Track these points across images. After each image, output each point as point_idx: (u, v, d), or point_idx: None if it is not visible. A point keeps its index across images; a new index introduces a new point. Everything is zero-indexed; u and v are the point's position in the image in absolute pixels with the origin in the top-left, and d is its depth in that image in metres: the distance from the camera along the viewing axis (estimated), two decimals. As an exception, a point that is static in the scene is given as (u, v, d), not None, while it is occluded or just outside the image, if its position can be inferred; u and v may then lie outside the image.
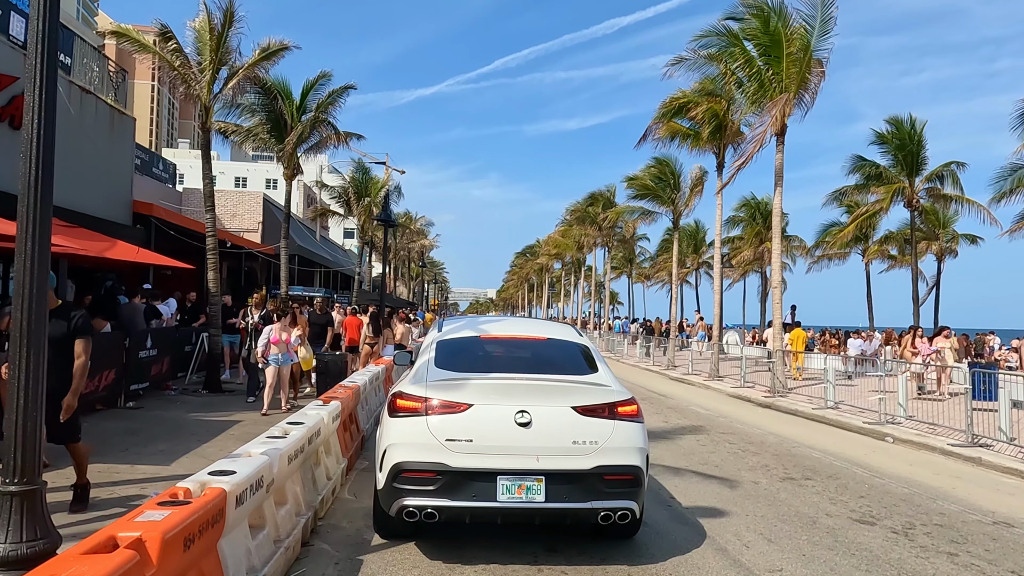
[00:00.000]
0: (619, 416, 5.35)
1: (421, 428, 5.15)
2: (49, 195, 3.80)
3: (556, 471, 5.06)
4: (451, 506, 5.01)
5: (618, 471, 5.14)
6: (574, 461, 5.10)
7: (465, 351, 6.20)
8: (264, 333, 11.86)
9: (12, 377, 3.72)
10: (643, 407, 5.98)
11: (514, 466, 5.04)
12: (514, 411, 5.13)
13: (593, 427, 5.21)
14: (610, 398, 5.42)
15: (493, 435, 5.10)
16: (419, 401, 5.26)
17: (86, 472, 6.03)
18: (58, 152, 3.95)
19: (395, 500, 5.07)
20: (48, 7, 3.77)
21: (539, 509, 5.05)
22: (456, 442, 5.07)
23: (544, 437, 5.12)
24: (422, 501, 5.00)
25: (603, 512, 5.11)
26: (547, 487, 5.03)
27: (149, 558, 2.99)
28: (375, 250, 43.61)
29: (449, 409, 5.18)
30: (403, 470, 5.06)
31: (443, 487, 5.01)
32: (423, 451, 5.08)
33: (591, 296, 55.97)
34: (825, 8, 16.95)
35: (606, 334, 42.08)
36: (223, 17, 16.93)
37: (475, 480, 5.02)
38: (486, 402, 5.22)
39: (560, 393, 5.41)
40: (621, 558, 5.45)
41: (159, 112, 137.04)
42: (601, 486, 5.11)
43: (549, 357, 6.19)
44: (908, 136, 24.91)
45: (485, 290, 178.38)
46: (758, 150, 18.16)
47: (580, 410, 5.24)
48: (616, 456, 5.17)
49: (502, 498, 5.01)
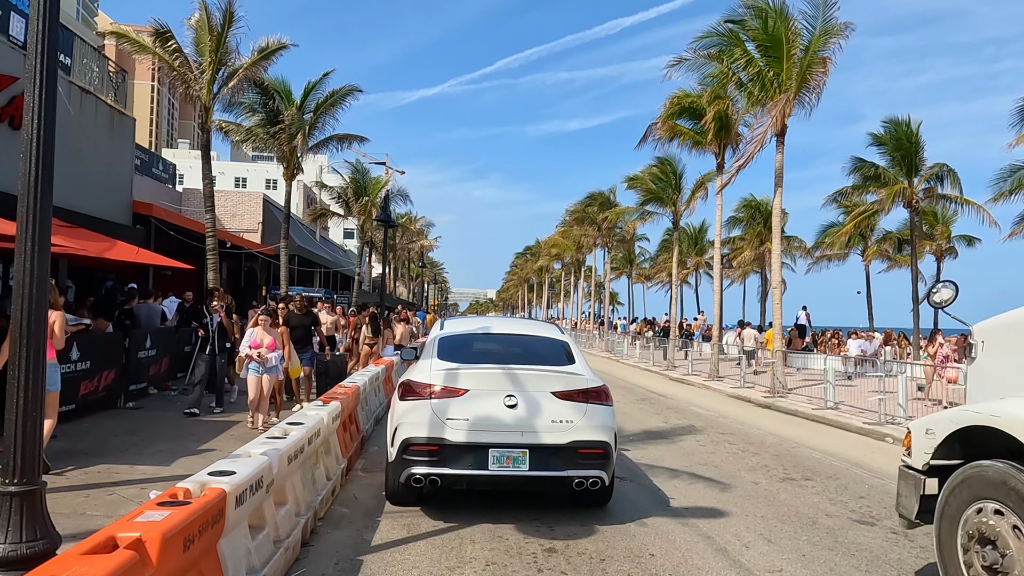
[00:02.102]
0: (591, 400, 6.28)
1: (426, 410, 6.10)
2: (49, 195, 3.79)
3: (538, 445, 6.00)
4: (450, 474, 5.98)
5: (590, 445, 6.09)
6: (553, 436, 6.05)
7: (463, 346, 7.05)
8: (247, 335, 10.29)
9: (12, 377, 3.71)
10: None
11: (503, 441, 5.99)
12: (503, 395, 6.11)
13: (569, 409, 6.15)
14: (584, 385, 6.35)
15: (486, 415, 6.04)
16: (424, 387, 6.23)
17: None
18: (58, 152, 3.94)
19: (404, 470, 6.04)
20: (48, 7, 3.77)
21: (524, 476, 5.98)
22: (455, 421, 6.03)
23: (528, 417, 6.07)
24: (426, 470, 5.96)
25: (577, 479, 6.06)
26: (530, 458, 5.97)
27: (149, 558, 2.98)
28: (375, 250, 43.63)
29: (449, 394, 6.14)
30: (411, 444, 6.03)
31: (444, 458, 5.97)
32: (427, 428, 6.03)
33: (591, 296, 56.00)
34: (827, 8, 16.97)
35: (606, 334, 42.06)
36: (223, 17, 16.95)
37: (470, 452, 5.98)
38: (480, 388, 6.18)
39: (542, 381, 6.32)
40: (621, 559, 5.45)
41: (159, 112, 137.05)
42: (575, 458, 6.04)
43: (534, 351, 7.03)
44: (906, 137, 24.89)
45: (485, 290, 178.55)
46: (759, 150, 18.19)
47: (558, 395, 6.20)
48: (588, 433, 6.10)
49: (493, 467, 5.96)
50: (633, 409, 14.53)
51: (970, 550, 4.30)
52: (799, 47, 17.35)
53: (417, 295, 76.55)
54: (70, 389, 9.83)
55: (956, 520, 4.44)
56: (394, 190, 39.72)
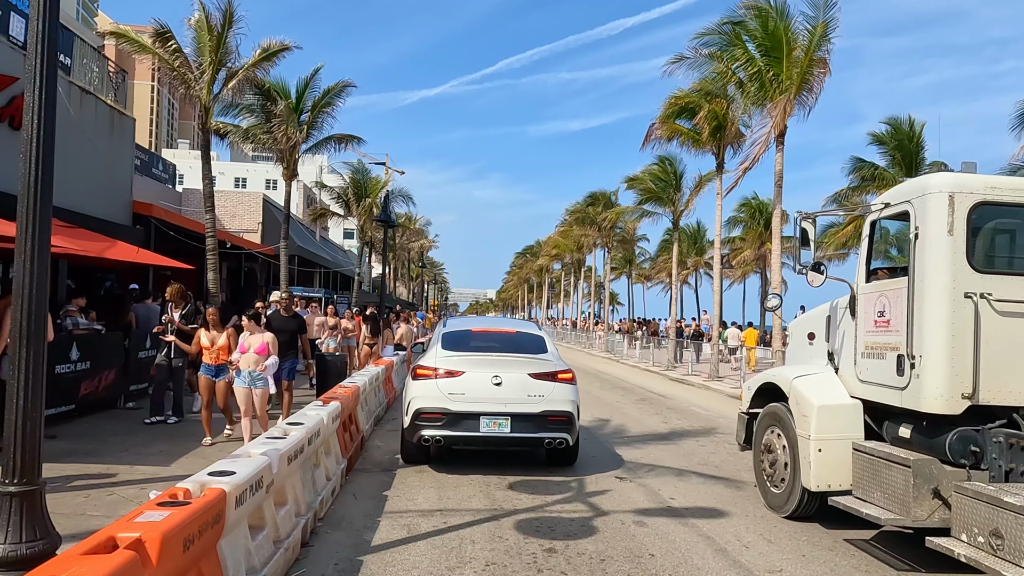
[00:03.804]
0: (558, 380, 8.03)
1: (433, 386, 7.88)
2: (49, 195, 3.79)
3: (517, 413, 7.72)
4: (451, 435, 7.73)
5: (557, 414, 7.83)
6: (528, 407, 7.77)
7: (462, 339, 8.82)
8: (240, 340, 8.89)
9: (12, 377, 3.71)
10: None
11: (491, 410, 7.71)
12: (491, 376, 7.88)
13: (541, 386, 7.91)
14: (552, 368, 8.15)
15: (478, 391, 7.80)
16: (432, 370, 8.00)
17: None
18: (58, 152, 3.94)
19: (416, 432, 7.78)
20: (48, 7, 3.77)
21: (506, 437, 7.76)
22: (455, 395, 7.79)
23: (510, 392, 7.81)
24: (433, 432, 7.70)
25: (547, 439, 7.84)
26: (511, 423, 7.71)
27: (149, 559, 2.98)
28: (375, 250, 43.63)
29: (450, 375, 7.93)
30: (421, 412, 7.78)
31: (446, 423, 7.71)
32: (434, 401, 7.78)
33: (591, 296, 55.99)
34: (827, 9, 16.97)
35: (606, 334, 42.03)
36: (223, 18, 16.94)
37: (466, 419, 7.70)
38: (474, 370, 7.95)
39: (521, 365, 8.08)
40: (621, 559, 5.45)
41: (159, 112, 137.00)
42: (546, 423, 7.79)
43: (516, 343, 8.82)
44: (907, 137, 24.89)
45: (485, 290, 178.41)
46: (763, 151, 18.20)
47: (533, 376, 7.96)
48: (556, 405, 7.85)
49: (483, 430, 7.70)
50: (633, 409, 14.53)
51: (763, 458, 7.18)
52: (799, 47, 17.35)
53: (417, 295, 76.53)
54: (70, 389, 9.84)
55: (759, 441, 7.27)
56: (394, 190, 39.73)
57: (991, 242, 5.77)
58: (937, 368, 5.33)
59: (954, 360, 5.31)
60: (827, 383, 6.53)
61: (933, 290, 5.41)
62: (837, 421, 6.18)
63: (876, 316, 6.07)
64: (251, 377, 8.51)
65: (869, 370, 6.11)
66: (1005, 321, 5.36)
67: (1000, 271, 5.52)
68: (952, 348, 5.32)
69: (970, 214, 5.39)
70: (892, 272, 6.33)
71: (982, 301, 5.34)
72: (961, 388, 5.29)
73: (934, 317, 5.38)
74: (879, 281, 6.21)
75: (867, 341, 6.17)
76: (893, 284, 5.94)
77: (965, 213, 5.38)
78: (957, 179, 5.53)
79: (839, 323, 6.77)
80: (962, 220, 5.38)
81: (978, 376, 5.30)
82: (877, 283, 6.21)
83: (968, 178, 5.56)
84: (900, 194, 6.04)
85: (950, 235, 5.38)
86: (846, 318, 6.60)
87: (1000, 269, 5.56)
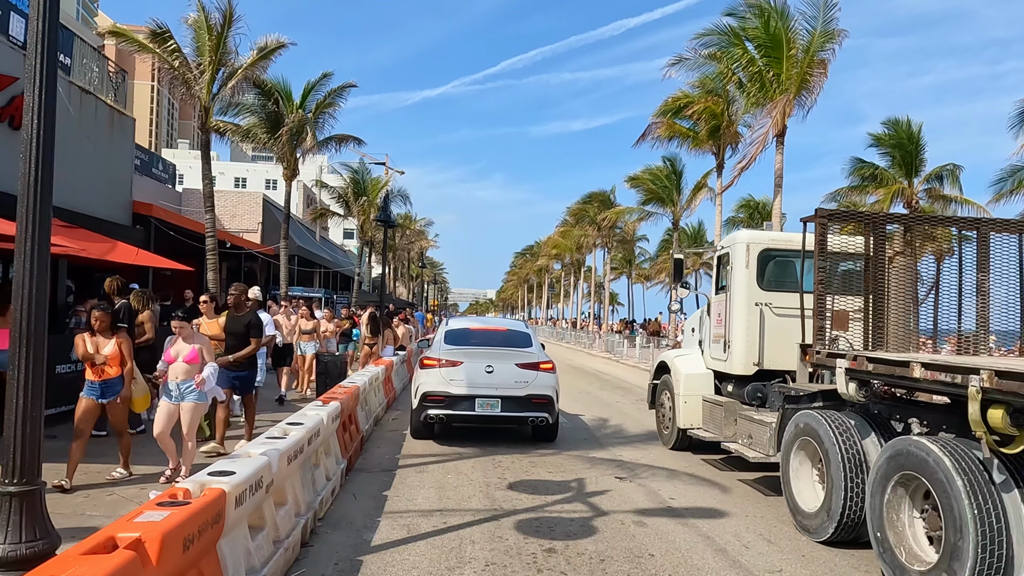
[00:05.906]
0: (540, 369, 9.68)
1: (436, 374, 9.57)
2: (49, 195, 3.79)
3: (506, 396, 9.32)
4: (452, 414, 9.36)
5: (539, 397, 9.44)
6: (515, 391, 9.39)
7: (461, 335, 10.57)
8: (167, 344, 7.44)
9: (12, 377, 3.71)
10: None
11: (484, 393, 9.33)
12: (485, 365, 9.51)
13: (526, 374, 9.55)
14: (535, 360, 9.82)
15: (474, 377, 9.42)
16: (436, 360, 9.72)
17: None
18: (58, 152, 3.94)
19: (423, 411, 9.41)
20: (48, 7, 3.77)
21: (497, 416, 9.33)
22: (455, 381, 9.44)
23: (500, 379, 9.45)
24: (437, 411, 9.36)
25: (531, 418, 9.42)
26: (501, 404, 9.30)
27: (148, 559, 2.98)
28: (375, 250, 43.61)
29: (451, 364, 9.58)
30: (427, 395, 9.43)
31: (447, 404, 9.35)
32: (437, 385, 9.46)
33: (591, 297, 55.99)
34: (827, 9, 16.98)
35: (606, 335, 42.03)
36: (222, 18, 16.94)
37: (464, 400, 9.33)
38: (470, 361, 9.58)
39: (510, 357, 9.77)
40: (621, 559, 5.45)
41: (159, 112, 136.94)
42: (530, 405, 9.38)
43: (507, 338, 10.57)
44: (907, 137, 24.92)
45: (485, 290, 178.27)
46: (761, 151, 18.21)
47: (520, 365, 9.62)
48: (538, 389, 9.48)
49: (478, 410, 9.29)
50: (633, 409, 14.53)
51: (660, 412, 10.43)
52: (799, 47, 17.35)
53: (417, 295, 76.50)
54: (70, 389, 9.82)
55: (658, 402, 10.48)
56: (394, 190, 39.72)
57: (771, 272, 8.50)
58: (740, 347, 8.45)
59: (749, 342, 8.37)
60: (693, 360, 9.79)
61: (738, 300, 8.48)
62: (695, 384, 9.46)
63: (717, 316, 9.09)
64: (180, 391, 6.83)
65: (714, 350, 9.19)
66: (778, 320, 8.27)
67: (776, 289, 8.37)
68: (748, 335, 8.38)
69: (760, 255, 8.43)
70: (722, 289, 8.98)
71: (765, 308, 8.34)
72: (753, 359, 8.36)
73: (738, 317, 8.49)
74: (717, 295, 9.09)
75: (714, 333, 9.18)
76: (721, 296, 8.94)
77: (756, 255, 8.43)
78: (752, 234, 8.76)
79: (702, 321, 9.89)
80: (754, 259, 8.42)
81: (763, 352, 8.32)
82: (716, 296, 9.14)
83: (759, 234, 8.82)
84: (726, 242, 9.16)
85: (747, 268, 8.43)
86: (706, 318, 9.70)
87: (776, 288, 8.38)
